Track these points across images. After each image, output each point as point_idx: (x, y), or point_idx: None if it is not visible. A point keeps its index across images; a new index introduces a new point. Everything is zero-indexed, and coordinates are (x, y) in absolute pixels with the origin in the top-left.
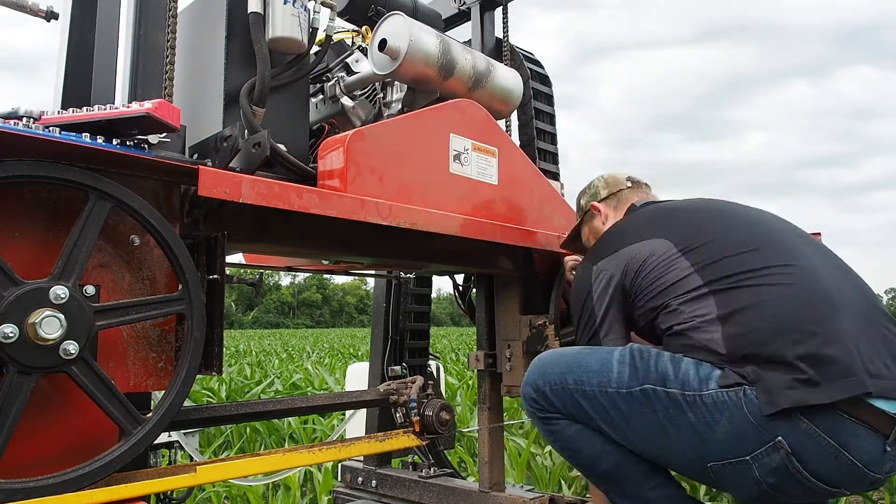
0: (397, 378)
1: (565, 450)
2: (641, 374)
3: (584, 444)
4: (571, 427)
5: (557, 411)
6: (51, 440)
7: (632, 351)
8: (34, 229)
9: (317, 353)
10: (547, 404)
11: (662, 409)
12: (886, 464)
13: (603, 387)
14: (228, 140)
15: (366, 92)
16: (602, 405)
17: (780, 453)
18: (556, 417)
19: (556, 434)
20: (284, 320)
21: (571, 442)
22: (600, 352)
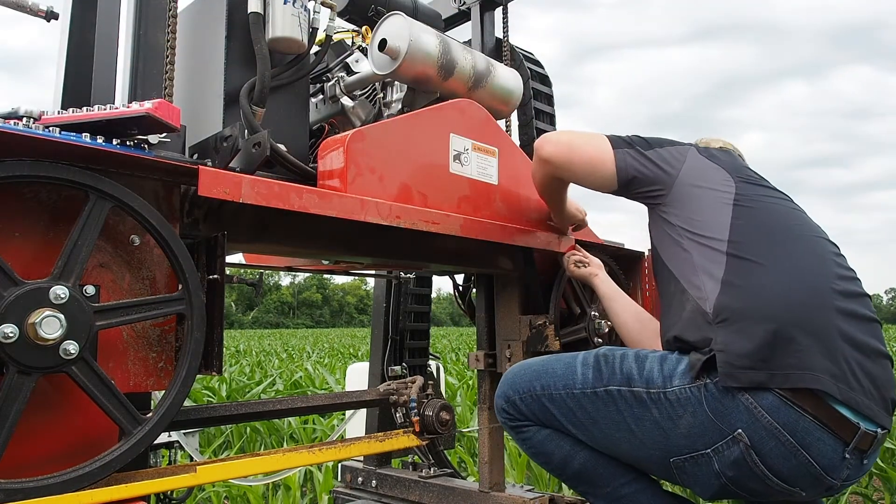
0: (397, 378)
1: (538, 455)
2: (606, 377)
3: (554, 447)
4: (540, 432)
5: (527, 419)
6: (51, 440)
7: (596, 356)
8: (34, 229)
9: (317, 353)
10: (517, 413)
11: (627, 408)
12: (844, 471)
13: (568, 389)
14: (228, 140)
15: (366, 92)
16: (568, 406)
17: (740, 446)
18: (526, 425)
19: (527, 441)
20: (284, 320)
21: (541, 447)
22: (564, 357)
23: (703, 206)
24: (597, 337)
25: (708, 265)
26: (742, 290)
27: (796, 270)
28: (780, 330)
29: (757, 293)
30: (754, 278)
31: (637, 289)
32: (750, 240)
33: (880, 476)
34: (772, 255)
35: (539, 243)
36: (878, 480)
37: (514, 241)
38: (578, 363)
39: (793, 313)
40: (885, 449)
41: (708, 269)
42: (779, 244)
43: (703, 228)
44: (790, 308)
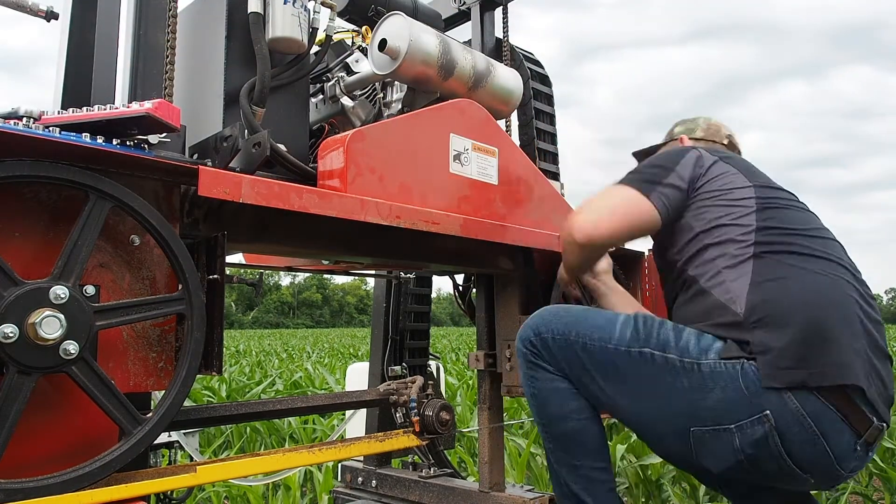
0: (397, 378)
1: (535, 397)
2: (643, 338)
3: (558, 400)
4: (556, 381)
5: (551, 362)
6: (51, 440)
7: (636, 317)
8: (34, 229)
9: (317, 354)
10: (544, 351)
11: (658, 372)
12: (853, 462)
13: (604, 342)
14: (228, 140)
15: (366, 92)
16: (600, 360)
17: (765, 427)
18: (545, 367)
19: (535, 380)
20: (284, 320)
21: (547, 393)
22: (606, 313)
23: (726, 211)
24: None
25: (733, 267)
26: (774, 290)
27: (822, 271)
28: (816, 328)
29: (789, 293)
30: (785, 278)
31: (637, 289)
32: (775, 239)
33: (880, 476)
34: (798, 256)
35: (539, 243)
36: (878, 480)
37: (514, 241)
38: (619, 320)
39: (825, 312)
40: (884, 449)
41: (734, 270)
42: (802, 246)
43: (728, 232)
44: (822, 307)
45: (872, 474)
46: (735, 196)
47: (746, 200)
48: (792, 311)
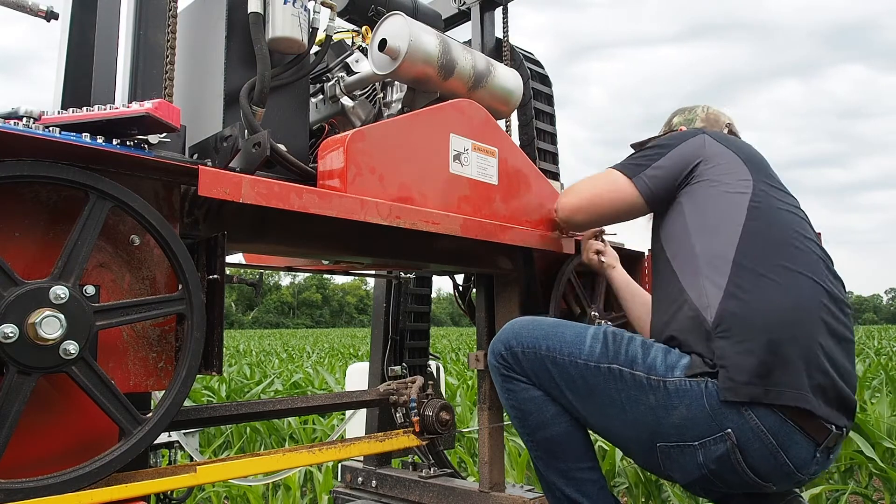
0: (397, 378)
1: (516, 409)
2: (611, 354)
3: (535, 408)
4: (530, 391)
5: (523, 374)
6: (51, 440)
7: (605, 332)
8: (34, 229)
9: (317, 354)
10: (514, 364)
11: (625, 389)
12: (812, 467)
13: (573, 357)
14: (228, 140)
15: (366, 92)
16: (570, 374)
17: (727, 444)
18: (519, 379)
19: (512, 393)
20: (284, 320)
21: (524, 403)
22: (576, 326)
23: (718, 201)
24: None
25: (713, 269)
26: (745, 304)
27: (796, 288)
28: (778, 348)
29: (759, 308)
30: (758, 292)
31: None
32: (758, 248)
33: (880, 476)
34: (776, 269)
35: (539, 243)
36: (878, 480)
37: (514, 241)
38: (588, 335)
39: (790, 332)
40: (884, 448)
41: (712, 273)
42: (784, 258)
43: (716, 226)
44: (787, 326)
45: (872, 474)
46: (732, 189)
47: (742, 196)
48: (756, 328)
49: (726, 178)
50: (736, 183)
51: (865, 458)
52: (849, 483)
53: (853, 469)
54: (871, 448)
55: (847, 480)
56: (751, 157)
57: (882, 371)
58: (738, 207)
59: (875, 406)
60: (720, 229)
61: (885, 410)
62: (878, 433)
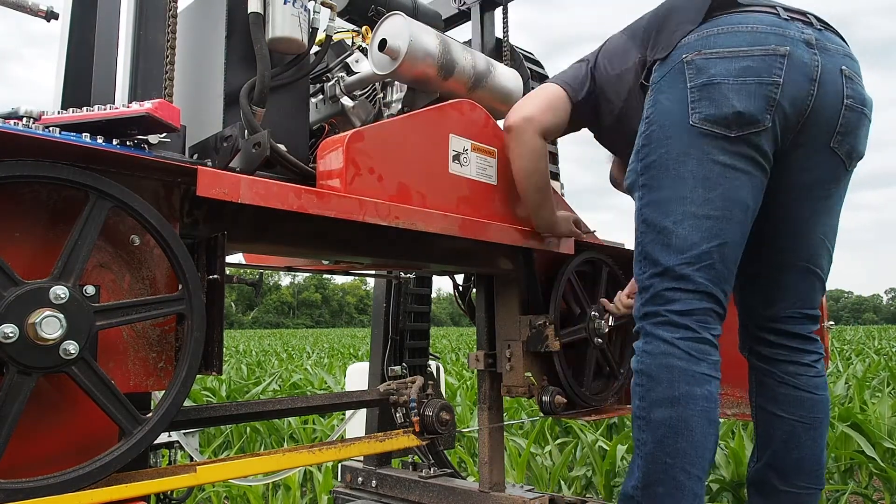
0: (397, 378)
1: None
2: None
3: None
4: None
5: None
6: (51, 440)
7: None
8: (34, 229)
9: (317, 354)
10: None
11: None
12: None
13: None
14: (228, 140)
15: (366, 92)
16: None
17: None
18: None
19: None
20: (284, 320)
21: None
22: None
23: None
24: (597, 337)
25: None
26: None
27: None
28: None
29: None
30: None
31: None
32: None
33: (880, 476)
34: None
35: (539, 243)
36: (878, 480)
37: (514, 241)
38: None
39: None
40: (885, 448)
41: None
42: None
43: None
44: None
45: (872, 474)
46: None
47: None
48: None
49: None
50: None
51: (865, 457)
52: (849, 483)
53: (853, 469)
54: (871, 448)
55: (847, 480)
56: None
57: (882, 371)
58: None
59: (875, 406)
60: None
61: (885, 410)
62: (879, 433)
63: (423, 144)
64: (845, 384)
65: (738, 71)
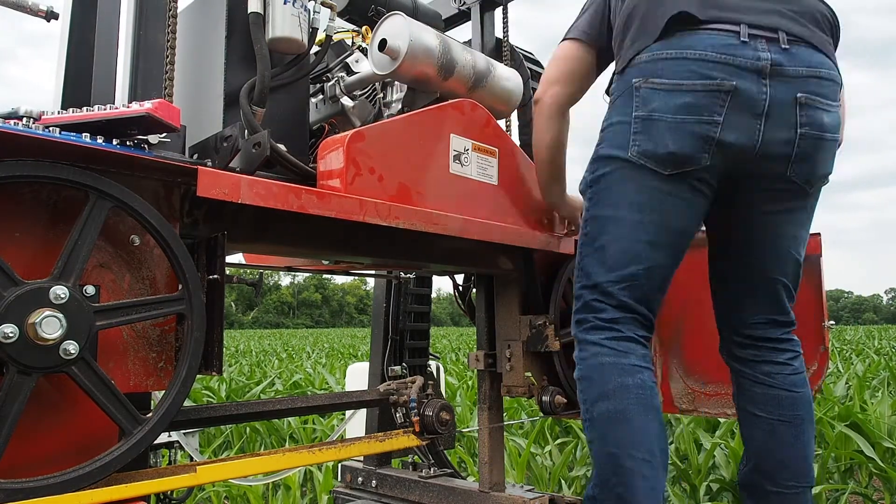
0: (397, 378)
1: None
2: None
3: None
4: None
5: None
6: (51, 440)
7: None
8: (34, 229)
9: (317, 354)
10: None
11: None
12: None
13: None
14: (228, 140)
15: (366, 92)
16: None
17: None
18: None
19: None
20: (284, 320)
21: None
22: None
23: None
24: None
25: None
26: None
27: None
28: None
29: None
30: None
31: None
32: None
33: (880, 476)
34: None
35: (539, 243)
36: (878, 480)
37: (514, 241)
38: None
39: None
40: (884, 448)
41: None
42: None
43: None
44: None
45: (872, 474)
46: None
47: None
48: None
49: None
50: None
51: (865, 457)
52: (849, 483)
53: (853, 469)
54: (871, 448)
55: (847, 480)
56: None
57: (882, 371)
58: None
59: (875, 406)
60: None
61: (885, 410)
62: (878, 433)
63: (424, 144)
64: (845, 384)
65: (677, 108)
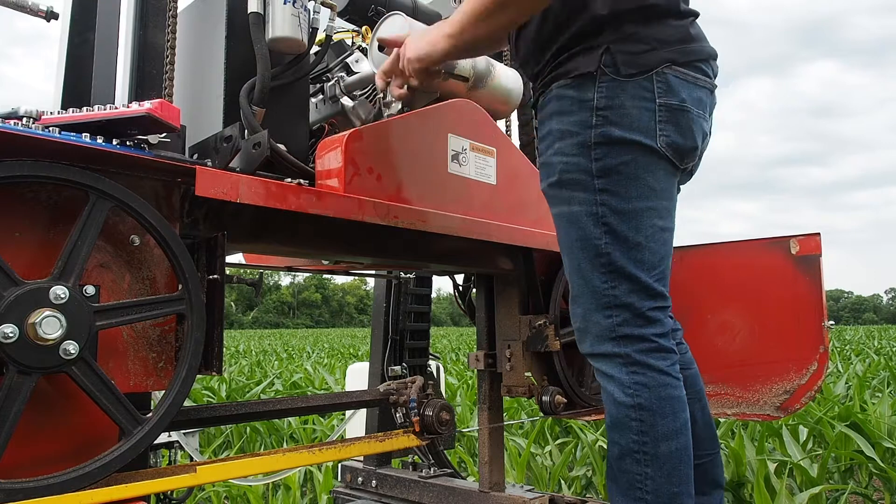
0: (397, 378)
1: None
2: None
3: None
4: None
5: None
6: (51, 440)
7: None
8: (34, 229)
9: (317, 354)
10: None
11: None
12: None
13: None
14: (228, 140)
15: (366, 92)
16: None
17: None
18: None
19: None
20: (284, 320)
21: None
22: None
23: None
24: None
25: None
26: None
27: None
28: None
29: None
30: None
31: None
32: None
33: (880, 476)
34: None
35: (539, 243)
36: (878, 480)
37: (513, 241)
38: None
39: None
40: (884, 448)
41: None
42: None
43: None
44: None
45: (872, 474)
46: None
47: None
48: None
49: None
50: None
51: (865, 457)
52: (849, 483)
53: (853, 469)
54: (871, 448)
55: (847, 480)
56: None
57: (882, 371)
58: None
59: (875, 406)
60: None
61: (885, 410)
62: (878, 433)
63: (422, 144)
64: (845, 384)
65: (696, 102)
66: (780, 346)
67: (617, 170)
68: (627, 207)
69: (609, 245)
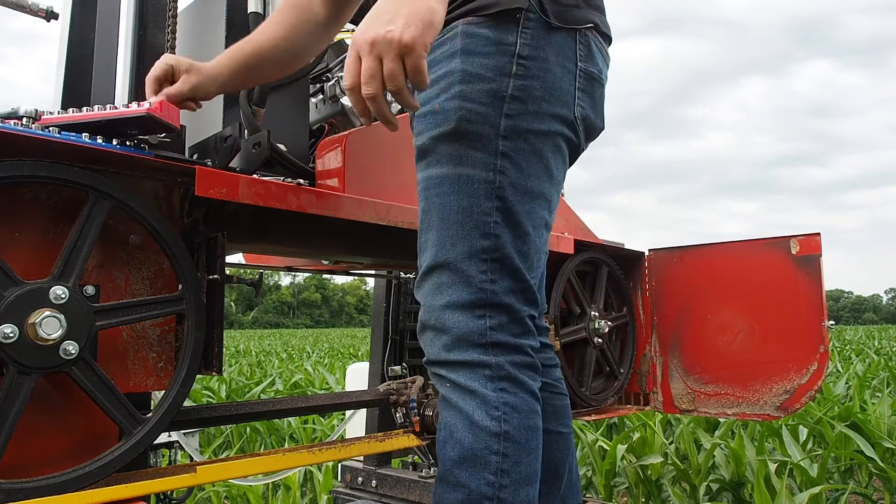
0: (397, 378)
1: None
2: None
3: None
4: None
5: None
6: (51, 440)
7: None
8: (34, 229)
9: (317, 354)
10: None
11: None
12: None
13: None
14: (228, 140)
15: None
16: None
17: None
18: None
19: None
20: (284, 320)
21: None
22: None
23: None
24: (597, 337)
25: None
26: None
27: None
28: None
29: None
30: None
31: (637, 289)
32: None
33: (880, 476)
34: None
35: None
36: (878, 480)
37: None
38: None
39: None
40: (884, 448)
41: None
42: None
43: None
44: None
45: (872, 474)
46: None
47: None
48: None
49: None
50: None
51: (865, 457)
52: (849, 483)
53: (853, 469)
54: (871, 448)
55: (847, 480)
56: None
57: (882, 371)
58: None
59: (875, 406)
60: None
61: (885, 410)
62: (878, 433)
63: None
64: (845, 384)
65: (605, 76)
66: (780, 346)
67: (525, 136)
68: (525, 185)
69: (498, 226)
